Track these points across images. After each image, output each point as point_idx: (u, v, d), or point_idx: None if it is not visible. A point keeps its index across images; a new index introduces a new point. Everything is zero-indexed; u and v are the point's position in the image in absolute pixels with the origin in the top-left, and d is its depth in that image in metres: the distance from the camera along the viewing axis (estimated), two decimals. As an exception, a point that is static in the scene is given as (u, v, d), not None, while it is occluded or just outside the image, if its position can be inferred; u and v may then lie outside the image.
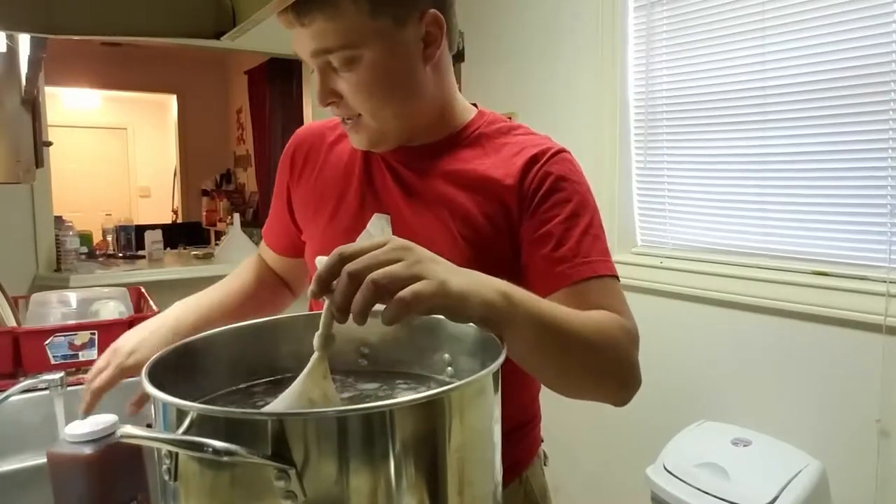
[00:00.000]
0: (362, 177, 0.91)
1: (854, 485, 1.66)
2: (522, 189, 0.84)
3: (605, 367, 0.73)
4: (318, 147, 0.98)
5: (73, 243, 2.93)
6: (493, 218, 0.84)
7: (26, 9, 0.70)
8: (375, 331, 0.72)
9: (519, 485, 0.94)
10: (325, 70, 0.80)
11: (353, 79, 0.80)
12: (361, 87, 0.80)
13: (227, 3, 0.81)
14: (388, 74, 0.81)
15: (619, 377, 0.74)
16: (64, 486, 0.77)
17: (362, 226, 0.87)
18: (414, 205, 0.87)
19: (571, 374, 0.72)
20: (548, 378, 0.74)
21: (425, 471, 0.48)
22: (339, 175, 0.93)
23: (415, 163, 0.89)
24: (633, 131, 2.26)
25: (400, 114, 0.85)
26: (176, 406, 0.48)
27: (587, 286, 0.79)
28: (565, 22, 2.42)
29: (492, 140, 0.89)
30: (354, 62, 0.78)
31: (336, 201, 0.92)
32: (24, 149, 1.32)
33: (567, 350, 0.68)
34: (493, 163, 0.87)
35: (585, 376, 0.72)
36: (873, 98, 1.62)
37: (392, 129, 0.86)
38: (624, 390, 0.75)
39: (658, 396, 2.10)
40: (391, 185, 0.89)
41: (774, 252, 1.87)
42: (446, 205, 0.85)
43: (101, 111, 6.73)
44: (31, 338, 1.42)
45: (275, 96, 4.71)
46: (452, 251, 0.82)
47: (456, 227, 0.84)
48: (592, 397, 0.76)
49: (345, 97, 0.82)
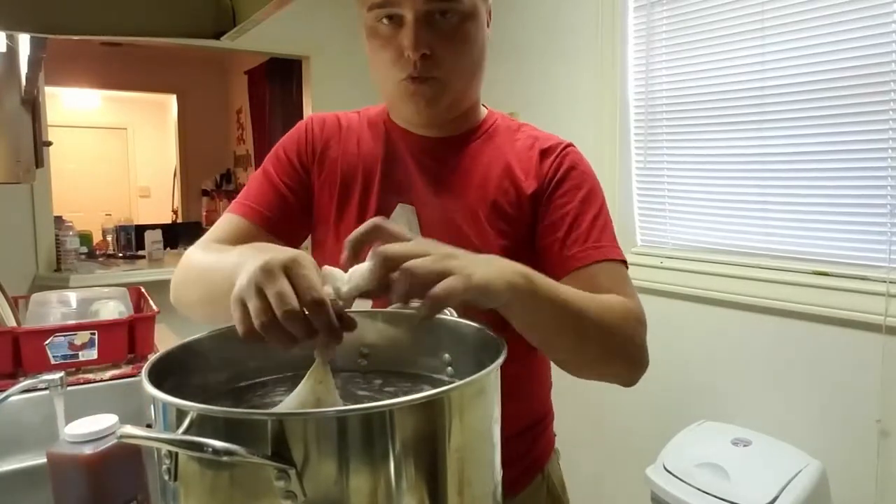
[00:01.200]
0: (385, 167, 0.91)
1: (854, 485, 1.66)
2: (540, 178, 0.88)
3: (616, 348, 0.76)
4: (336, 131, 0.96)
5: (73, 243, 2.93)
6: (519, 205, 0.87)
7: (26, 9, 0.70)
8: (375, 331, 0.72)
9: (542, 480, 0.97)
10: (429, 19, 0.81)
11: (454, 34, 0.82)
12: (459, 45, 0.83)
13: (227, 3, 0.81)
14: (476, 43, 0.85)
15: (629, 358, 0.78)
16: (64, 487, 0.77)
17: (387, 216, 0.88)
18: (440, 194, 0.89)
19: (586, 354, 0.75)
20: (563, 356, 0.76)
21: (425, 471, 0.48)
22: (359, 163, 0.92)
23: (439, 153, 0.91)
24: (633, 131, 2.26)
25: (469, 85, 0.88)
26: (176, 406, 0.48)
27: (598, 269, 0.82)
28: (565, 22, 2.42)
29: (506, 135, 0.93)
30: (465, 19, 0.82)
31: (359, 189, 0.91)
32: (24, 149, 1.32)
33: (582, 330, 0.72)
34: (512, 153, 0.90)
35: (598, 356, 0.76)
36: (873, 98, 1.62)
37: (457, 96, 0.87)
38: (633, 370, 0.78)
39: (658, 396, 2.10)
40: (415, 175, 0.90)
41: (774, 252, 1.86)
42: (474, 194, 0.88)
43: (101, 111, 6.73)
44: (31, 338, 1.42)
45: (275, 96, 4.71)
46: (482, 240, 0.85)
47: (484, 215, 0.86)
48: (603, 376, 0.80)
49: (434, 53, 0.81)
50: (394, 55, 0.82)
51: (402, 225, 0.88)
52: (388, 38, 0.82)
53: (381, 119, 0.96)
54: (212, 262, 0.77)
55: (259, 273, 0.53)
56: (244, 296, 0.53)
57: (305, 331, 0.52)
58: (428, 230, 0.87)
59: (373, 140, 0.93)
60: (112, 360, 1.49)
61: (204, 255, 0.82)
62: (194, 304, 0.81)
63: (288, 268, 0.53)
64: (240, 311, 0.54)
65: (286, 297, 0.51)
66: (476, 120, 0.94)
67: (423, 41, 0.80)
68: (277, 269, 0.53)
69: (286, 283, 0.52)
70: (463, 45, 0.83)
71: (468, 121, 0.93)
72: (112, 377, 1.43)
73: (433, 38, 0.80)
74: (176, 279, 0.86)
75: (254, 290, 0.52)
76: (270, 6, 0.72)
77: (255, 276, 0.53)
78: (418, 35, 0.80)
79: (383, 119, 0.96)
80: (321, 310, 0.52)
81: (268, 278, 0.52)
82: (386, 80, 0.85)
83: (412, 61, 0.81)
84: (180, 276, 0.85)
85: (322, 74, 3.36)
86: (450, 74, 0.83)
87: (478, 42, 0.85)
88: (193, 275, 0.82)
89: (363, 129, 0.95)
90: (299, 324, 0.51)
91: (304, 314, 0.52)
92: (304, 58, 3.40)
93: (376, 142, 0.93)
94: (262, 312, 0.52)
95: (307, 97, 3.43)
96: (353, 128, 0.96)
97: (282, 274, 0.52)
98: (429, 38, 0.80)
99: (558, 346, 0.73)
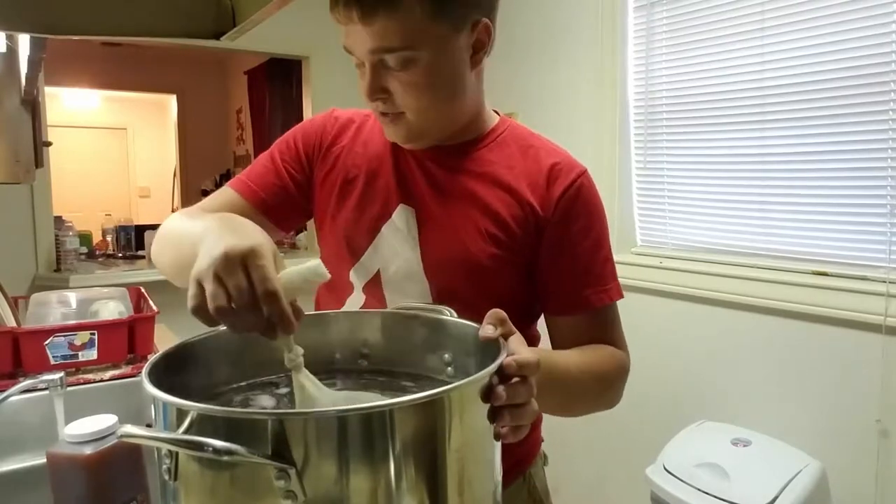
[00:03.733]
0: (392, 168, 0.92)
1: (854, 485, 1.66)
2: (549, 202, 0.87)
3: (598, 403, 0.89)
4: (347, 128, 0.98)
5: (72, 243, 2.93)
6: (520, 220, 0.87)
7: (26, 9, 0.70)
8: (375, 331, 0.72)
9: (523, 482, 0.96)
10: (377, 67, 0.81)
11: (405, 78, 0.81)
12: (413, 87, 0.82)
13: (227, 3, 0.81)
14: (439, 77, 0.83)
15: (608, 405, 0.89)
16: (63, 487, 0.77)
17: (388, 215, 0.90)
18: (442, 200, 0.89)
19: (571, 411, 0.89)
20: (549, 410, 0.82)
21: (425, 471, 0.48)
22: (367, 160, 0.94)
23: (445, 160, 0.91)
24: (632, 131, 2.26)
25: (443, 115, 0.87)
26: (176, 406, 0.48)
27: (604, 313, 0.90)
28: (565, 22, 2.42)
29: (517, 145, 0.92)
30: (411, 63, 0.80)
31: (364, 185, 0.93)
32: (24, 149, 1.32)
33: (572, 397, 0.84)
34: (521, 167, 0.90)
35: (581, 410, 0.89)
36: (873, 98, 1.62)
37: (432, 129, 0.88)
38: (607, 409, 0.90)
39: (658, 396, 2.10)
40: (420, 180, 0.91)
41: (774, 252, 1.87)
42: (475, 203, 0.88)
43: (101, 111, 6.73)
44: (31, 338, 1.42)
45: (274, 96, 4.71)
46: (478, 248, 0.85)
47: (484, 225, 0.87)
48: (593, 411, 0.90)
49: (392, 94, 0.82)
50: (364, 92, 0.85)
51: (402, 226, 0.89)
52: (361, 75, 0.84)
53: None
54: (185, 228, 0.77)
55: (219, 261, 0.55)
56: (201, 278, 0.55)
57: (257, 323, 0.55)
58: (425, 233, 0.88)
59: (380, 142, 0.94)
60: (112, 361, 1.49)
61: (181, 220, 0.83)
62: (166, 266, 0.84)
63: (246, 258, 0.55)
64: (195, 289, 0.56)
65: (243, 290, 0.54)
66: (482, 128, 0.93)
67: (376, 88, 0.82)
68: (236, 260, 0.55)
69: (243, 275, 0.55)
70: (420, 84, 0.81)
71: (472, 130, 0.92)
72: (112, 377, 1.43)
73: (390, 81, 0.81)
74: (155, 240, 0.88)
75: (212, 276, 0.55)
76: (270, 6, 0.72)
77: (214, 263, 0.55)
78: (372, 82, 0.81)
79: None
80: (273, 299, 0.54)
81: (226, 268, 0.55)
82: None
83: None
84: (158, 237, 0.87)
85: (322, 74, 3.36)
86: (413, 112, 0.84)
87: (442, 74, 0.83)
88: (167, 238, 0.84)
89: (374, 130, 0.96)
90: (253, 316, 0.54)
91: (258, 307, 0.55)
92: (303, 58, 3.40)
93: (384, 144, 0.94)
94: (217, 298, 0.54)
95: (307, 97, 3.43)
96: (366, 128, 0.97)
97: (240, 265, 0.55)
98: (383, 83, 0.82)
99: (547, 406, 0.79)
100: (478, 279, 0.86)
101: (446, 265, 0.87)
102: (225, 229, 0.60)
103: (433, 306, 0.73)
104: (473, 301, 0.73)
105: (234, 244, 0.56)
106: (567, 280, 0.88)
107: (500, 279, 0.87)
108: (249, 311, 0.54)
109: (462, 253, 0.86)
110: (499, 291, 0.87)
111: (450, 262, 0.87)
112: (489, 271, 0.86)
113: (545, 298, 0.91)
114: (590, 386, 0.84)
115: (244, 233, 0.59)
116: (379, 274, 0.90)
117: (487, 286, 0.86)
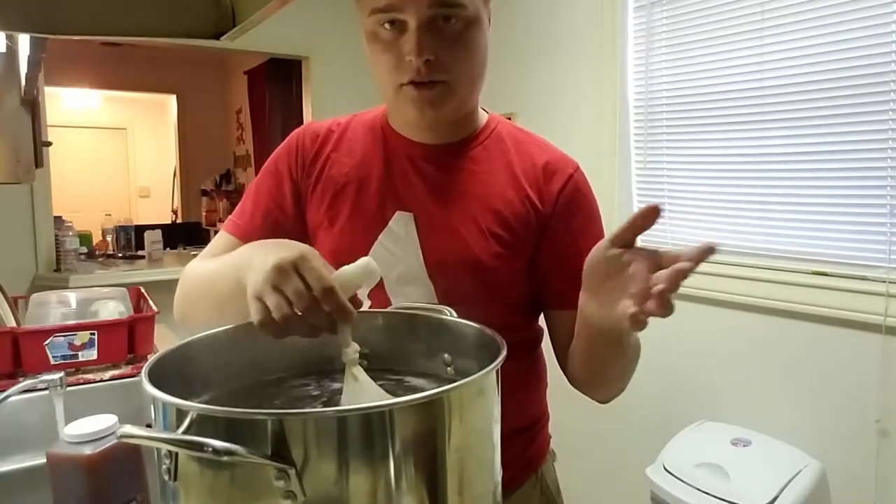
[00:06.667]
0: (382, 173, 0.90)
1: (854, 485, 1.66)
2: (549, 192, 0.88)
3: (629, 377, 0.88)
4: (327, 140, 0.95)
5: (72, 243, 2.93)
6: (522, 216, 0.87)
7: (26, 9, 0.70)
8: (375, 331, 0.72)
9: (536, 481, 0.97)
10: (432, 25, 0.79)
11: (458, 39, 0.81)
12: (462, 50, 0.82)
13: (227, 3, 0.81)
14: (480, 45, 0.84)
15: (627, 382, 0.88)
16: (63, 487, 0.77)
17: (383, 222, 0.88)
18: (439, 200, 0.88)
19: (623, 378, 0.87)
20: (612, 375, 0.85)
21: (425, 471, 0.48)
22: (355, 167, 0.92)
23: (440, 160, 0.90)
24: (632, 131, 2.26)
25: (473, 88, 0.87)
26: (176, 406, 0.48)
27: None
28: (565, 22, 2.42)
29: (509, 142, 0.92)
30: (469, 24, 0.81)
31: (355, 194, 0.90)
32: (24, 149, 1.32)
33: (631, 362, 0.84)
34: (517, 163, 0.90)
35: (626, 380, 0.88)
36: (873, 98, 1.62)
37: (461, 100, 0.86)
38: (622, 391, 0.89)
39: (658, 396, 2.10)
40: (414, 181, 0.89)
41: (774, 252, 1.86)
42: (476, 202, 0.87)
43: (101, 111, 6.73)
44: (31, 338, 1.42)
45: (274, 96, 4.70)
46: (481, 246, 0.85)
47: (486, 224, 0.86)
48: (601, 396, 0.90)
49: (437, 58, 0.80)
50: (395, 59, 0.81)
51: (401, 232, 0.87)
52: (389, 42, 0.81)
53: (378, 125, 0.94)
54: (213, 269, 0.80)
55: (273, 272, 0.58)
56: (261, 294, 0.58)
57: (323, 322, 0.58)
58: (426, 237, 0.87)
59: (370, 146, 0.92)
60: (112, 361, 1.49)
61: (204, 265, 0.86)
62: (204, 311, 0.83)
63: (298, 264, 0.58)
64: (257, 307, 0.58)
65: (302, 294, 0.57)
66: (475, 126, 0.93)
67: (426, 47, 0.79)
68: (289, 268, 0.58)
69: (299, 280, 0.57)
70: (466, 51, 0.82)
71: (467, 127, 0.91)
72: (112, 377, 1.43)
73: (436, 44, 0.79)
74: (180, 294, 0.89)
75: (270, 288, 0.58)
76: (270, 6, 0.72)
77: (270, 276, 0.58)
78: (421, 41, 0.78)
79: (381, 125, 0.94)
80: (331, 294, 0.57)
81: (283, 277, 0.58)
82: (387, 85, 0.84)
83: (415, 66, 0.79)
84: (184, 289, 0.88)
85: (322, 74, 3.36)
86: (455, 79, 0.82)
87: (480, 47, 0.84)
88: (197, 285, 0.85)
89: (358, 135, 0.94)
90: (320, 314, 0.57)
91: (320, 306, 0.57)
92: (303, 58, 3.39)
93: (374, 148, 0.92)
94: (281, 307, 0.57)
95: (307, 97, 3.43)
96: (347, 135, 0.95)
97: (294, 272, 0.58)
98: (432, 44, 0.79)
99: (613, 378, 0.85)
100: (483, 279, 0.85)
101: (450, 267, 0.86)
102: (268, 247, 0.63)
103: (433, 306, 0.73)
104: (479, 301, 0.73)
105: (283, 256, 0.59)
106: (568, 274, 0.85)
107: (505, 277, 0.87)
108: (313, 313, 0.57)
109: (466, 254, 0.85)
110: (504, 289, 0.87)
111: (454, 263, 0.86)
112: (494, 270, 0.85)
113: (546, 293, 0.90)
114: (635, 355, 0.83)
115: (287, 245, 0.62)
116: (381, 280, 0.90)
117: (492, 285, 0.86)
